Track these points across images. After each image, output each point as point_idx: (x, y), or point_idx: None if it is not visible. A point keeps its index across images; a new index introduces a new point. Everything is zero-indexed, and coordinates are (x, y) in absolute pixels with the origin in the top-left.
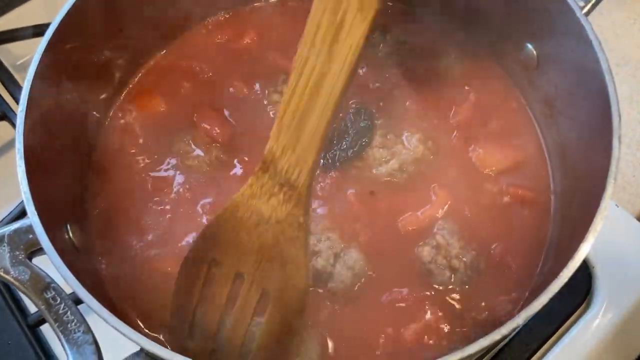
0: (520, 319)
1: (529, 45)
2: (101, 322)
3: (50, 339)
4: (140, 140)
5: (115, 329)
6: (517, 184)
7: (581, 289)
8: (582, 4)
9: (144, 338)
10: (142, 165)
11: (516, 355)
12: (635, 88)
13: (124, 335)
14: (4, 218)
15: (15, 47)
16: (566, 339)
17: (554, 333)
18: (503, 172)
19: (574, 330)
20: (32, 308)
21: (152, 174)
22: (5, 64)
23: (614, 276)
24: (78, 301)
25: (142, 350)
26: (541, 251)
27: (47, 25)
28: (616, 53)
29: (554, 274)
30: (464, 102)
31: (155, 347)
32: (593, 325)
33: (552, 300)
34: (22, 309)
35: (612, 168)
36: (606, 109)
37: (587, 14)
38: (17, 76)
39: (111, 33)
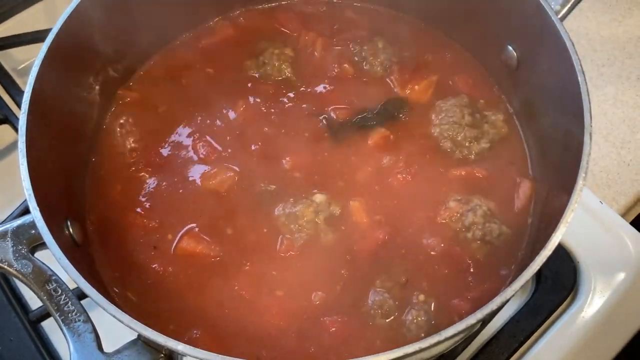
0: (494, 304)
1: (510, 47)
2: (100, 312)
3: (51, 335)
4: (137, 142)
5: (113, 316)
6: None
7: (567, 282)
8: (557, 7)
9: (141, 325)
10: (138, 164)
11: (504, 346)
12: (620, 88)
13: (122, 322)
14: (7, 218)
15: (16, 52)
16: (552, 331)
17: (540, 325)
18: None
19: (560, 323)
20: (33, 305)
21: (148, 172)
22: (7, 68)
23: (598, 271)
24: (79, 296)
25: (139, 337)
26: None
27: (47, 31)
28: (602, 54)
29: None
30: None
31: (152, 333)
32: (578, 318)
33: (539, 293)
34: (23, 306)
35: (583, 163)
36: (579, 107)
37: (563, 18)
38: (18, 80)
39: (109, 37)
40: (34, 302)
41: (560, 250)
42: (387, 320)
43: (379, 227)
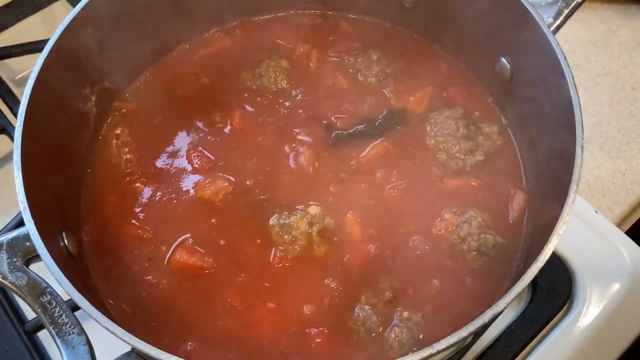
0: (486, 317)
1: (503, 59)
2: (94, 324)
3: (47, 345)
4: (132, 153)
5: (107, 329)
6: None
7: (562, 292)
8: (550, 20)
9: (134, 337)
10: (134, 175)
11: (499, 356)
12: (615, 98)
13: (115, 335)
14: (2, 229)
15: (14, 62)
16: (548, 341)
17: (536, 335)
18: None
19: (556, 333)
20: (29, 315)
21: (143, 183)
22: (5, 78)
23: (594, 280)
24: (74, 308)
25: (133, 350)
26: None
27: (45, 42)
28: (597, 64)
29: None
30: None
31: (145, 346)
32: (574, 328)
33: (535, 303)
34: (19, 316)
35: (575, 176)
36: (571, 120)
37: (555, 30)
38: (16, 91)
39: (106, 48)
40: (30, 312)
41: (556, 260)
42: (371, 336)
43: (371, 240)
